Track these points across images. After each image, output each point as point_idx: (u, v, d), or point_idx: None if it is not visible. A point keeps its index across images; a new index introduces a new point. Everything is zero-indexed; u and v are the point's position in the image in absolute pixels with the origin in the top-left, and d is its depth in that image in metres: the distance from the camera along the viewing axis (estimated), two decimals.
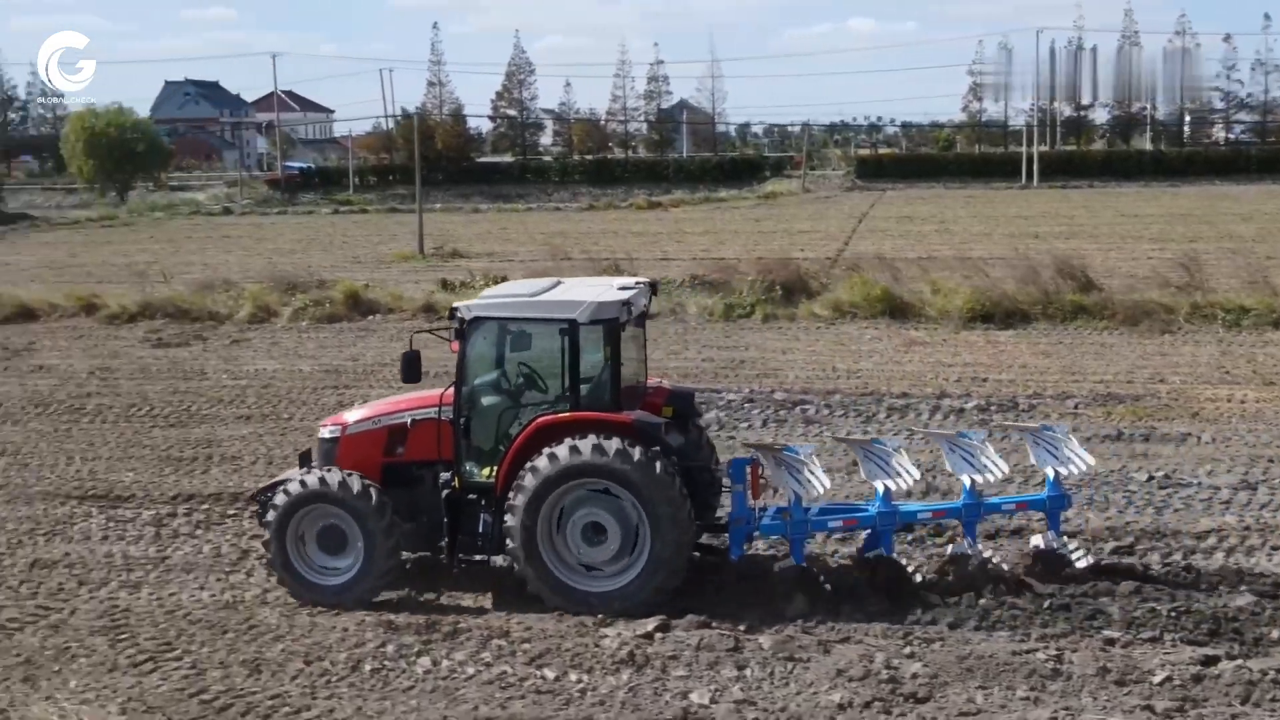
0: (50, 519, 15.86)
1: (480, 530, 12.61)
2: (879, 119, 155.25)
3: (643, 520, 11.99)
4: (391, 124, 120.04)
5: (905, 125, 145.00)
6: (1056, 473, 13.29)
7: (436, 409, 12.84)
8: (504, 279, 34.00)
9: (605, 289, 13.07)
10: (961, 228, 59.05)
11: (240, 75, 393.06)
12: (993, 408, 20.71)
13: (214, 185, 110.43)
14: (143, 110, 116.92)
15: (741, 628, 11.62)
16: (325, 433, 13.51)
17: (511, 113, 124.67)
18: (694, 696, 10.36)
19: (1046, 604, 11.92)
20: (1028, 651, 10.97)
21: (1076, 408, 20.77)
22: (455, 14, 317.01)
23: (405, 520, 12.74)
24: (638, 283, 13.50)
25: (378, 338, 29.44)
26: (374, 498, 12.49)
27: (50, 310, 33.20)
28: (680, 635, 11.47)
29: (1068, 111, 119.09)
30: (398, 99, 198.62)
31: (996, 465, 13.28)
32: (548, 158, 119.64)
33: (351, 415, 13.68)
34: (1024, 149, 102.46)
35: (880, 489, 12.81)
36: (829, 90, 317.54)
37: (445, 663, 11.14)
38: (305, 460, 13.61)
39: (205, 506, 16.18)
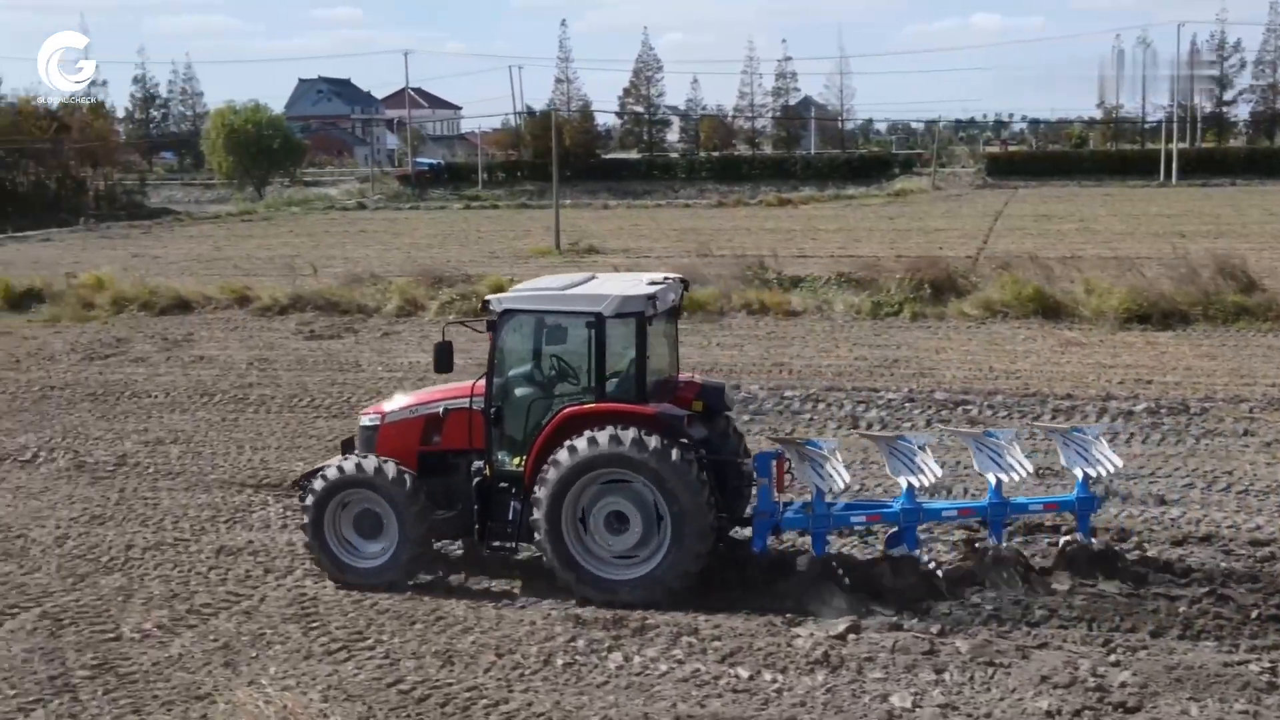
0: (230, 506, 16.19)
1: (510, 518, 12.95)
2: (1009, 115, 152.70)
3: (662, 508, 12.19)
4: (518, 121, 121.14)
5: (1033, 122, 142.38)
6: (1085, 474, 13.05)
7: (469, 399, 13.14)
8: None
9: (634, 284, 13.18)
10: (1103, 226, 57.74)
11: (370, 73, 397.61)
12: (1163, 410, 20.13)
13: (346, 181, 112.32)
14: (277, 107, 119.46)
15: (935, 630, 11.42)
16: (365, 421, 13.94)
17: (638, 109, 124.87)
18: (895, 700, 10.19)
19: (1255, 614, 11.53)
20: (1239, 663, 10.62)
21: (1252, 411, 20.12)
22: (577, 10, 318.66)
23: (439, 507, 13.08)
24: (666, 279, 13.61)
25: None
26: (408, 484, 12.85)
27: (205, 302, 33.92)
28: (874, 637, 11.32)
29: (1208, 108, 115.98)
30: (521, 96, 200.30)
31: (1022, 465, 13.13)
32: (674, 154, 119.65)
33: (390, 404, 14.04)
34: (1162, 146, 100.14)
35: (905, 485, 12.77)
36: (954, 87, 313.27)
37: (637, 659, 11.10)
38: (347, 447, 14.01)
39: None
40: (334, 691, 10.57)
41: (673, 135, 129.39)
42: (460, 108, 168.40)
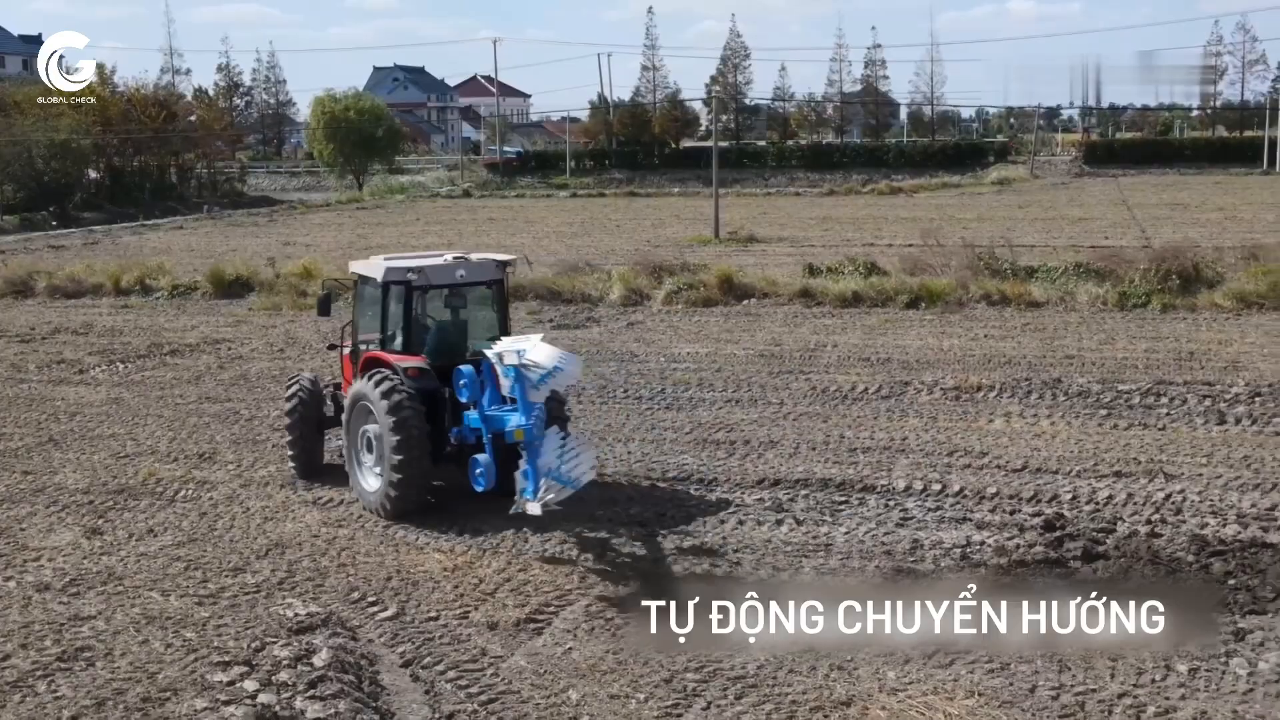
0: (661, 501, 15.79)
1: None
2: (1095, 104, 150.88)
3: (385, 435, 14.79)
4: (600, 107, 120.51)
5: (1117, 109, 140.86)
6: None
7: (351, 346, 16.70)
8: (872, 265, 33.83)
9: (431, 259, 16.01)
10: (1253, 215, 56.99)
11: (443, 61, 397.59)
12: None
13: (433, 168, 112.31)
14: None
15: None
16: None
17: (726, 97, 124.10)
18: None
19: None
20: None
21: None
22: None
23: None
24: (457, 257, 16.07)
25: (769, 321, 29.23)
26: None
27: None
28: None
29: None
30: (595, 83, 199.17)
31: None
32: (762, 142, 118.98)
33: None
34: (1265, 132, 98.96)
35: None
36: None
37: (1262, 664, 10.69)
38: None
39: (805, 493, 15.94)
40: (978, 699, 10.20)
41: (761, 123, 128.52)
42: (529, 96, 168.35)
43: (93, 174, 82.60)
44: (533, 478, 13.43)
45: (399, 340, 15.65)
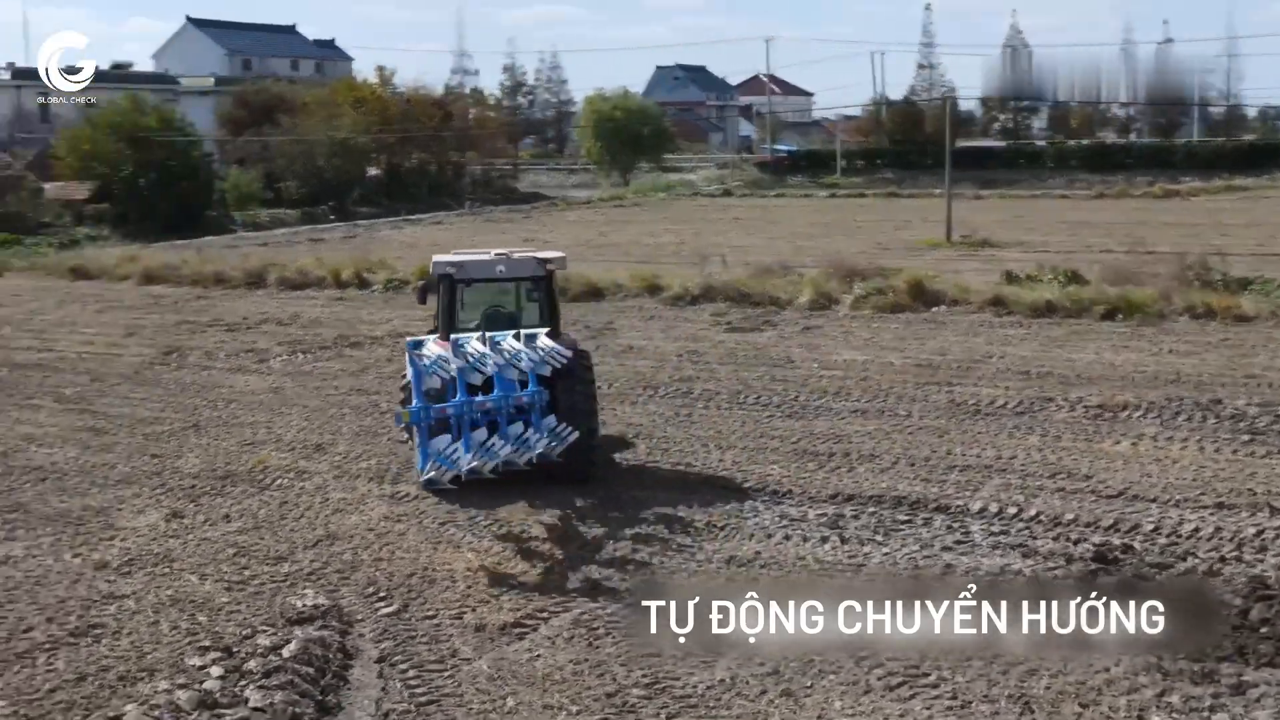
0: (723, 512, 15.62)
1: None
2: None
3: None
4: (875, 108, 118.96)
5: None
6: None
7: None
8: (1073, 274, 32.39)
9: (474, 255, 17.98)
10: None
11: (732, 59, 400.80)
12: None
13: (705, 167, 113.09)
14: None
15: None
16: None
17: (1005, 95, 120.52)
18: None
19: None
20: None
21: None
22: None
23: None
24: (497, 254, 17.61)
25: (951, 330, 28.31)
26: None
27: (615, 290, 34.12)
28: None
29: None
30: (871, 81, 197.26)
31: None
32: (1040, 142, 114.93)
33: None
34: None
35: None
36: None
37: None
38: None
39: (872, 510, 15.50)
40: None
41: (1040, 123, 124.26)
42: (813, 94, 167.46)
43: (374, 171, 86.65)
44: (423, 455, 15.58)
45: (443, 327, 17.02)
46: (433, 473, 15.41)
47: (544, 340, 15.83)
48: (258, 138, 77.80)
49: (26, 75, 79.72)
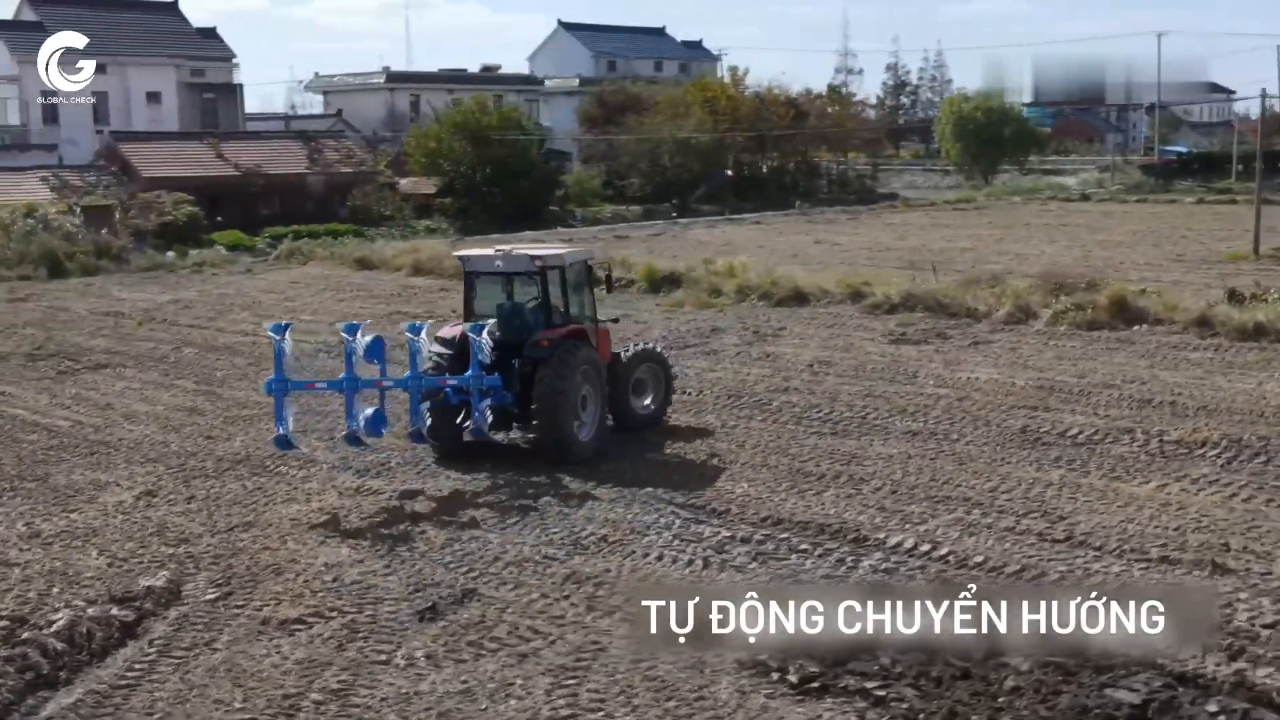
0: (629, 525, 15.32)
1: None
2: None
3: None
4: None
5: None
6: None
7: None
8: None
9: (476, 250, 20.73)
10: None
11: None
12: None
13: (1086, 169, 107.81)
14: (1029, 93, 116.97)
15: None
16: None
17: None
18: None
19: None
20: None
21: None
22: None
23: None
24: (498, 249, 19.32)
25: (1130, 352, 26.13)
26: None
27: (821, 295, 33.41)
28: None
29: None
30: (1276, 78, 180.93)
31: None
32: None
33: None
34: None
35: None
36: None
37: None
38: None
39: (784, 536, 14.76)
40: None
41: None
42: (1234, 91, 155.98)
43: (728, 172, 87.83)
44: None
45: (465, 314, 19.43)
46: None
47: (448, 333, 18.64)
48: (603, 135, 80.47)
49: (400, 79, 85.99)
